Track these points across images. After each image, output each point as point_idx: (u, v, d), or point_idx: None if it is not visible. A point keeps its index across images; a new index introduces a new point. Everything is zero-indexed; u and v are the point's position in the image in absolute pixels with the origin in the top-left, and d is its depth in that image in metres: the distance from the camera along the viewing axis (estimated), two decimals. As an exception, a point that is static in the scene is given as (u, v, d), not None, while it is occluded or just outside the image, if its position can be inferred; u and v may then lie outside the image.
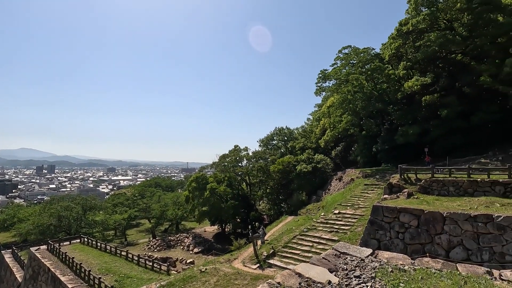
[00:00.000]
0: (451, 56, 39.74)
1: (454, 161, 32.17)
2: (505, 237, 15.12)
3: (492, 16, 35.75)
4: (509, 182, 19.26)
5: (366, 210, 24.91)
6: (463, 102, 34.46)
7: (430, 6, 38.84)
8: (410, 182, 23.68)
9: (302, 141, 68.21)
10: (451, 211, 16.78)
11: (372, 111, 46.52)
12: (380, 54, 47.84)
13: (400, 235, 17.99)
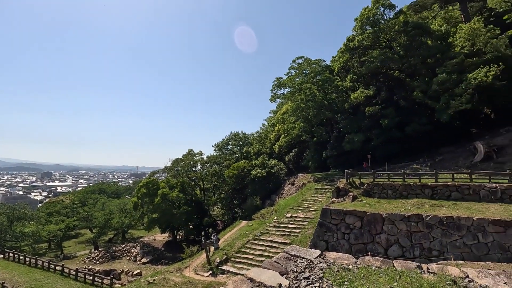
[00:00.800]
0: (390, 72, 44.21)
1: (392, 166, 35.60)
2: (432, 234, 17.09)
3: (423, 39, 40.81)
4: (436, 186, 21.91)
5: (316, 213, 26.12)
6: (400, 114, 38.44)
7: (373, 26, 42.84)
8: (355, 186, 25.51)
9: (257, 146, 69.23)
10: (389, 212, 18.46)
11: (323, 119, 49.36)
12: (330, 66, 51.14)
13: (346, 236, 19.20)
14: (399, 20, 41.94)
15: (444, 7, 59.15)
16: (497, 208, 18.32)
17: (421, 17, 57.68)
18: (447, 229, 16.86)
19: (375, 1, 42.94)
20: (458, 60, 34.60)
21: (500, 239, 15.79)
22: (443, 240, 16.77)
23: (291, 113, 48.87)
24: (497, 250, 15.77)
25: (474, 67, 32.87)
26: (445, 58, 36.79)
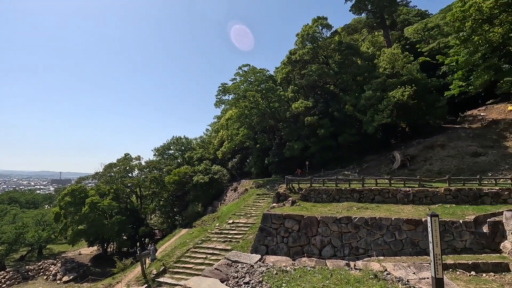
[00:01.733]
0: (326, 86, 48.20)
1: (326, 172, 38.56)
2: (359, 234, 18.98)
3: (354, 59, 45.65)
4: (363, 190, 24.49)
5: (258, 218, 26.65)
6: (334, 125, 42.03)
7: (313, 42, 46.34)
8: (294, 191, 26.89)
9: (201, 151, 67.86)
10: (323, 215, 19.91)
11: (266, 126, 51.01)
12: (274, 76, 53.41)
13: (285, 239, 20.04)
14: (335, 39, 46.24)
15: (371, 32, 67.26)
16: (409, 209, 21.30)
17: (352, 38, 64.54)
18: (371, 229, 18.93)
19: (314, 20, 46.60)
20: (381, 80, 39.57)
21: (412, 235, 18.36)
22: (368, 239, 18.76)
23: (235, 120, 49.34)
24: (409, 246, 18.28)
25: (393, 87, 37.95)
26: (371, 77, 41.73)
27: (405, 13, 76.14)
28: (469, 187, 23.12)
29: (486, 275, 14.79)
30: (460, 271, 15.11)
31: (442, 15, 56.74)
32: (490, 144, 33.55)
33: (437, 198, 22.95)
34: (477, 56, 38.75)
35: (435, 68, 53.29)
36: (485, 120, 41.92)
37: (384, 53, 45.37)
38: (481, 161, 30.83)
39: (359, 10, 64.25)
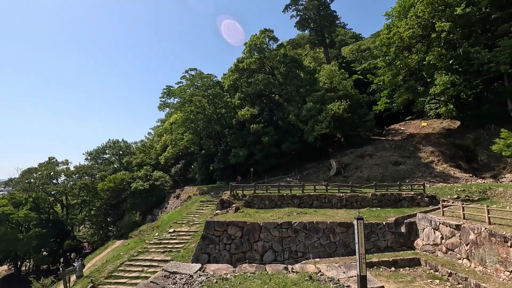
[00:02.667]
0: (272, 95, 50.05)
1: (270, 179, 39.73)
2: (298, 238, 19.92)
3: (298, 72, 48.44)
4: (302, 196, 25.88)
5: (201, 226, 25.98)
6: (278, 133, 43.74)
7: (260, 53, 47.86)
8: (238, 197, 27.04)
9: (141, 156, 63.73)
10: (266, 221, 20.42)
11: (212, 132, 50.47)
12: (221, 82, 53.40)
13: (228, 246, 19.92)
14: (280, 52, 48.53)
15: (313, 48, 72.32)
16: (343, 213, 23.19)
17: (296, 53, 68.45)
18: (309, 232, 20.05)
19: (262, 32, 48.30)
20: (321, 93, 42.73)
21: (344, 237, 19.98)
22: (306, 242, 19.80)
23: (180, 124, 47.77)
24: (342, 247, 19.84)
25: (331, 100, 41.29)
26: (313, 90, 44.78)
27: (342, 34, 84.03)
28: (391, 192, 26.24)
29: (403, 269, 16.86)
30: (382, 268, 16.93)
31: (372, 39, 64.21)
32: (408, 154, 38.72)
33: (366, 202, 25.49)
34: (399, 78, 44.69)
35: (366, 86, 59.81)
36: (404, 134, 48.34)
37: (324, 69, 49.21)
38: (400, 169, 35.33)
39: (303, 27, 68.78)
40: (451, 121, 45.94)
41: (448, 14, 36.36)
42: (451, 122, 45.66)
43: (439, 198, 24.20)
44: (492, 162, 33.20)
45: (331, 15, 66.54)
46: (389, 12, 47.25)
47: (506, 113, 35.34)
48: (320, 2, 65.78)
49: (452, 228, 17.14)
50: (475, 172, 34.03)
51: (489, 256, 14.41)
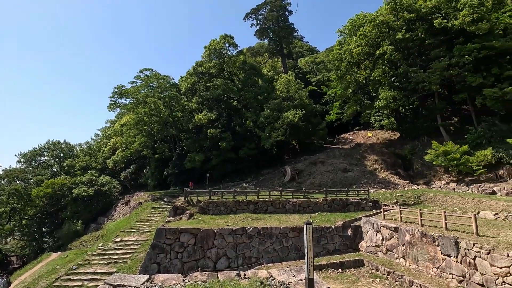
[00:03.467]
0: (230, 101, 50.08)
1: (226, 185, 39.49)
2: (252, 244, 20.02)
3: (256, 79, 49.31)
4: (258, 201, 26.16)
5: (151, 234, 24.64)
6: (235, 138, 43.80)
7: (220, 57, 47.75)
8: (193, 204, 26.31)
9: (86, 160, 58.66)
10: (220, 228, 20.16)
11: (167, 135, 48.63)
12: (178, 85, 51.96)
13: (179, 255, 19.18)
14: (240, 58, 49.00)
15: (271, 57, 74.43)
16: (296, 218, 23.96)
17: (255, 60, 69.76)
18: (263, 238, 20.28)
19: (222, 37, 48.34)
20: (278, 101, 44.00)
21: (296, 242, 20.60)
22: (260, 247, 19.98)
23: (132, 126, 45.14)
24: (294, 251, 20.42)
25: (287, 109, 42.73)
26: (270, 98, 45.91)
27: (299, 46, 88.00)
28: (340, 198, 27.89)
29: (348, 270, 17.93)
30: (331, 270, 17.82)
31: (326, 53, 68.29)
32: (355, 162, 41.67)
33: (317, 207, 26.70)
34: (349, 91, 48.11)
35: (320, 96, 63.23)
36: (353, 143, 51.96)
37: (281, 78, 50.87)
38: (349, 176, 37.82)
39: (262, 36, 70.54)
40: (392, 133, 50.72)
41: (391, 37, 40.40)
42: (392, 134, 50.42)
43: (381, 203, 26.40)
44: (425, 170, 37.34)
45: (289, 27, 69.38)
46: (342, 30, 50.91)
47: (437, 127, 40.15)
48: (279, 14, 68.25)
49: (391, 230, 18.78)
50: (411, 179, 37.91)
51: (420, 254, 16.07)
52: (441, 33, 38.09)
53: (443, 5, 37.69)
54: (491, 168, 30.27)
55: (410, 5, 39.88)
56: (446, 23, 36.02)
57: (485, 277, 12.56)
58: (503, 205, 20.71)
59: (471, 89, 34.57)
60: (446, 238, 14.61)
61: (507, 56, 34.76)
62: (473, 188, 27.98)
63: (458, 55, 34.68)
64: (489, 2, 35.67)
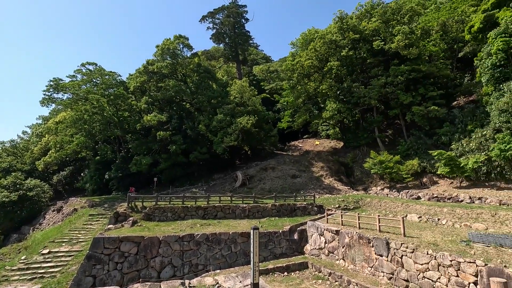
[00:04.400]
0: (183, 103, 48.68)
1: (175, 189, 37.97)
2: (200, 250, 19.51)
3: (210, 83, 48.82)
4: (207, 207, 25.66)
5: (87, 244, 22.40)
6: (186, 142, 42.58)
7: (173, 58, 46.19)
8: (137, 210, 24.69)
9: (9, 160, 51.23)
10: (166, 235, 19.25)
11: (111, 136, 45.13)
12: (126, 83, 48.81)
13: (119, 265, 17.77)
14: (194, 60, 48.09)
15: (227, 62, 74.64)
16: (245, 223, 24.06)
17: (210, 64, 69.25)
18: (212, 244, 19.93)
19: (176, 37, 46.97)
20: (231, 106, 44.11)
21: (245, 247, 20.67)
22: (208, 254, 19.58)
23: (70, 124, 40.84)
24: (242, 256, 20.44)
25: (241, 114, 43.09)
26: (224, 103, 45.82)
27: (254, 54, 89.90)
28: (288, 203, 28.87)
29: (294, 273, 18.56)
30: (277, 273, 18.24)
31: (280, 63, 70.95)
32: (303, 169, 43.67)
33: (266, 212, 27.23)
34: (299, 101, 50.47)
35: (273, 104, 65.19)
36: (302, 150, 54.45)
37: (235, 83, 51.23)
38: (297, 181, 39.43)
39: (218, 40, 70.40)
40: (337, 142, 54.49)
41: (337, 54, 43.69)
42: (337, 142, 54.18)
43: (325, 207, 28.02)
44: (364, 177, 40.80)
45: (245, 34, 70.51)
46: (294, 42, 53.48)
47: (375, 138, 44.30)
48: (236, 20, 69.03)
49: (333, 234, 20.02)
50: (352, 185, 41.06)
51: (358, 255, 17.42)
52: (380, 54, 42.46)
53: (381, 30, 42.15)
54: (417, 176, 34.41)
55: (355, 26, 43.74)
56: (384, 45, 40.30)
57: (409, 273, 14.12)
58: (425, 209, 23.63)
59: (403, 106, 39.04)
60: (379, 240, 16.09)
61: (431, 79, 40.21)
62: (403, 194, 31.41)
63: (393, 75, 38.99)
64: (418, 31, 41.02)
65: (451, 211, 21.48)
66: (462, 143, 31.38)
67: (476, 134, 30.52)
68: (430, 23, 46.87)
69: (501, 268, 10.70)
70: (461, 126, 34.23)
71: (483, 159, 27.79)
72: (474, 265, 11.60)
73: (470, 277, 11.67)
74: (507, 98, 26.23)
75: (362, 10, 47.15)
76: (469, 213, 20.29)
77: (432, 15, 51.65)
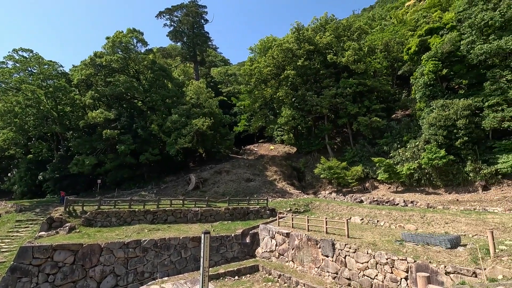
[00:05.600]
0: (134, 101, 45.94)
1: (122, 192, 35.48)
2: (146, 257, 18.43)
3: (166, 82, 46.95)
4: (157, 211, 24.43)
5: (12, 255, 19.64)
6: (137, 142, 40.16)
7: (125, 52, 43.42)
8: (76, 215, 22.45)
9: None
10: (109, 242, 17.80)
11: (47, 133, 40.57)
12: (69, 75, 44.52)
13: (51, 277, 15.89)
14: (149, 57, 45.83)
15: (184, 62, 72.68)
16: (197, 227, 23.44)
17: (166, 62, 66.73)
18: (160, 250, 18.98)
19: (130, 31, 44.35)
20: (187, 107, 42.95)
21: (196, 252, 20.10)
22: (155, 261, 18.59)
23: (-3, 117, 35.71)
24: (192, 262, 19.83)
25: (196, 116, 42.17)
26: (179, 103, 44.40)
27: (213, 56, 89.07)
28: (241, 206, 28.92)
29: (244, 277, 18.58)
30: (228, 278, 18.07)
31: (239, 67, 71.35)
32: (258, 172, 44.27)
33: (219, 216, 26.90)
34: (256, 105, 51.25)
35: (230, 107, 65.13)
36: (257, 154, 55.21)
37: (192, 84, 50.08)
38: (251, 185, 39.78)
39: (176, 38, 68.25)
40: (291, 147, 56.43)
41: (294, 63, 45.49)
42: (291, 148, 56.11)
43: (277, 211, 28.71)
44: (314, 182, 42.84)
45: (204, 35, 69.49)
46: (253, 48, 54.36)
47: (325, 145, 46.90)
48: (195, 20, 67.72)
49: (283, 236, 20.57)
50: (303, 189, 42.79)
51: (306, 256, 18.13)
52: (332, 66, 45.30)
53: (334, 44, 45.09)
54: (361, 181, 37.26)
55: (310, 38, 46.07)
56: (336, 59, 43.13)
57: (351, 272, 15.13)
58: (367, 212, 25.65)
59: (350, 116, 42.08)
60: (326, 241, 16.98)
61: (375, 93, 44.09)
62: (348, 197, 33.70)
63: (343, 87, 41.87)
64: (366, 48, 44.79)
65: (388, 214, 23.65)
66: (399, 152, 34.90)
67: (410, 144, 34.20)
68: (376, 42, 51.54)
69: (427, 263, 12.07)
70: (399, 137, 38.08)
71: (415, 167, 31.23)
72: (406, 262, 12.89)
73: (402, 273, 12.93)
74: (435, 114, 29.95)
75: (317, 24, 49.92)
76: (403, 215, 22.56)
77: (377, 34, 56.88)
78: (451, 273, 11.31)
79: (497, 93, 27.65)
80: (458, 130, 28.42)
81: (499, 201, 23.87)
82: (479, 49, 29.02)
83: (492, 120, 26.57)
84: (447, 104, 29.83)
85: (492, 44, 28.07)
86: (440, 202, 26.54)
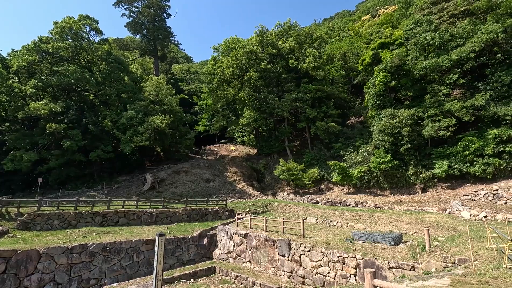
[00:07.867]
0: (85, 93, 42.47)
1: (67, 193, 32.47)
2: (93, 263, 17.10)
3: (122, 75, 44.21)
4: (107, 213, 22.80)
5: None
6: (87, 138, 37.16)
7: (76, 40, 39.93)
8: (10, 217, 19.97)
9: None
10: (49, 247, 16.17)
11: (-23, 124, 35.55)
12: (7, 60, 39.62)
13: (-24, 289, 13.93)
14: (104, 47, 42.76)
15: (143, 55, 69.21)
16: (151, 229, 22.38)
17: (123, 54, 62.96)
18: (109, 254, 17.74)
19: (82, 17, 40.97)
20: (145, 103, 40.92)
21: (149, 255, 19.18)
22: (103, 266, 17.33)
23: None
24: (145, 266, 18.89)
25: (155, 113, 40.38)
26: (136, 98, 42.11)
27: (175, 52, 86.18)
28: (199, 207, 28.34)
29: (200, 279, 18.21)
30: (183, 281, 17.54)
31: (201, 65, 70.00)
32: (218, 173, 43.80)
33: (176, 218, 26.02)
34: (218, 105, 50.73)
35: (191, 106, 63.55)
36: (217, 155, 54.60)
37: (151, 79, 47.87)
38: (210, 186, 39.21)
39: (135, 30, 64.71)
40: (251, 148, 56.85)
41: (256, 65, 46.00)
42: (252, 149, 56.53)
43: (236, 212, 28.69)
44: (273, 183, 43.67)
45: (166, 29, 66.95)
46: (217, 47, 53.75)
47: (284, 147, 48.13)
48: (157, 13, 64.95)
49: (241, 237, 20.60)
50: (263, 190, 43.38)
51: (263, 257, 18.37)
52: (293, 71, 46.72)
53: (296, 50, 46.57)
54: (317, 183, 38.93)
55: (273, 42, 47.00)
56: (297, 64, 44.58)
57: (305, 270, 15.69)
58: (321, 212, 26.87)
59: (309, 120, 43.78)
60: (282, 241, 17.39)
61: (332, 99, 46.45)
62: (305, 198, 34.96)
63: (303, 92, 43.41)
64: (325, 56, 47.01)
65: (341, 214, 25.04)
66: (352, 156, 37.20)
67: (362, 149, 36.68)
68: (334, 51, 54.42)
69: (373, 260, 13.02)
70: (352, 142, 40.60)
71: (365, 170, 33.55)
72: (355, 259, 13.76)
73: (352, 269, 13.77)
74: (384, 122, 32.54)
75: (281, 29, 51.11)
76: (354, 215, 24.07)
77: (336, 44, 60.14)
78: (394, 268, 12.35)
79: (435, 105, 30.95)
80: (403, 137, 31.20)
81: (434, 202, 26.70)
82: (421, 63, 32.25)
83: (430, 129, 29.64)
84: (394, 113, 32.59)
85: (431, 61, 31.39)
86: (386, 203, 28.85)
